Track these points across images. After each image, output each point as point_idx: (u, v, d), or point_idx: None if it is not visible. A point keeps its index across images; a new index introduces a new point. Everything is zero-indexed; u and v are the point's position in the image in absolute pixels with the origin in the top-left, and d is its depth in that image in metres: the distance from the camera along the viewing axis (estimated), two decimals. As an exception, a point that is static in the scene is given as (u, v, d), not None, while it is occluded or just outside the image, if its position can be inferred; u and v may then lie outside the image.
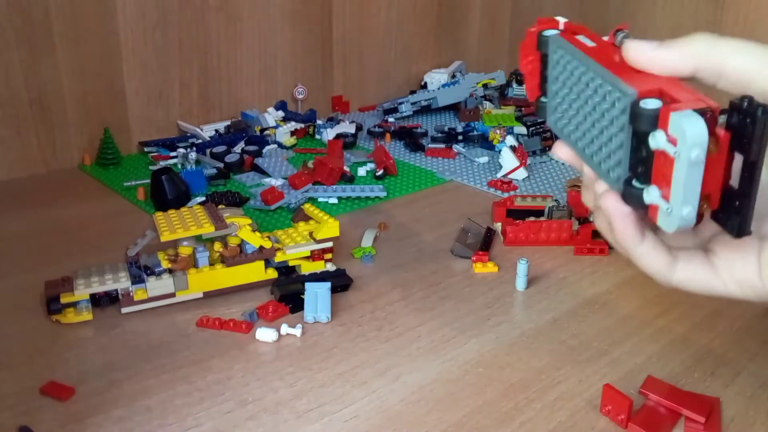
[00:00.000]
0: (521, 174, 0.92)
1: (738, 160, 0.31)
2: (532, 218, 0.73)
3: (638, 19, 1.32)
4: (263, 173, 0.93)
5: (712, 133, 0.29)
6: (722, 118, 0.30)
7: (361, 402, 0.47)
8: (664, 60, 0.31)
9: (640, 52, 0.31)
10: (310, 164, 0.90)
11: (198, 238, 0.61)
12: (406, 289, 0.63)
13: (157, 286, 0.58)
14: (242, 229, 0.61)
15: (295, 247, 0.62)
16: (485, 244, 0.71)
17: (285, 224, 0.77)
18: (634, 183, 0.33)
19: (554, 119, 0.40)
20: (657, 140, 0.30)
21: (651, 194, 0.31)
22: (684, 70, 0.31)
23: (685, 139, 0.28)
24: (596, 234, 0.72)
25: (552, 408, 0.46)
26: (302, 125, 1.10)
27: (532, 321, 0.57)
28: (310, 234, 0.64)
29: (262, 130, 1.05)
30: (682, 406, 0.44)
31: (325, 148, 1.01)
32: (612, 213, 0.34)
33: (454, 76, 1.30)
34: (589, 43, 0.37)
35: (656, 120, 0.30)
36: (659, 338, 0.55)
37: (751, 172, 0.30)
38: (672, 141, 0.29)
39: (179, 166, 0.92)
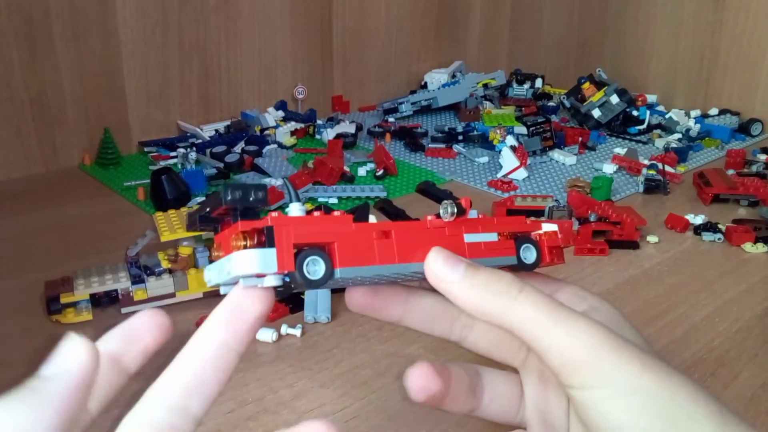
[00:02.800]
0: (521, 174, 0.92)
1: None
2: (532, 218, 0.73)
3: (639, 18, 1.32)
4: (263, 173, 0.93)
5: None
6: None
7: (361, 402, 0.47)
8: (460, 303, 0.27)
9: (440, 281, 0.27)
10: (310, 164, 0.90)
11: (198, 238, 0.61)
12: (406, 290, 0.62)
13: (157, 286, 0.58)
14: (242, 229, 0.61)
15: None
16: (485, 244, 0.71)
17: (285, 224, 0.76)
18: None
19: None
20: None
21: None
22: (478, 316, 0.28)
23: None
24: (596, 234, 0.72)
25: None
26: (302, 125, 1.10)
27: (533, 321, 0.57)
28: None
29: (262, 130, 1.05)
30: None
31: (325, 148, 1.01)
32: None
33: (454, 76, 1.30)
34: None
35: None
36: (659, 339, 0.55)
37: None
38: None
39: (179, 166, 0.92)
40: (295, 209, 0.25)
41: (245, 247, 0.24)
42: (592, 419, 0.26)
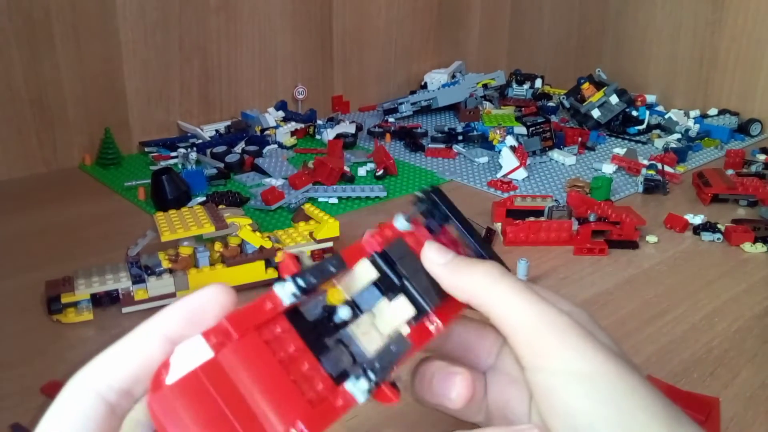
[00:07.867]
0: (521, 174, 0.92)
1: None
2: (531, 218, 0.73)
3: (638, 19, 1.32)
4: (263, 173, 0.93)
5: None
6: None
7: (361, 402, 0.47)
8: (446, 282, 0.28)
9: (432, 263, 0.29)
10: (311, 164, 0.90)
11: (198, 238, 0.61)
12: (406, 289, 0.63)
13: (158, 285, 0.58)
14: (242, 229, 0.62)
15: (295, 247, 0.63)
16: (485, 244, 0.71)
17: (285, 224, 0.77)
18: None
19: None
20: None
21: None
22: (461, 297, 0.28)
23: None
24: (596, 234, 0.72)
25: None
26: (302, 125, 1.10)
27: (532, 321, 0.57)
28: (311, 234, 0.64)
29: (263, 130, 1.06)
30: (682, 406, 0.44)
31: (326, 148, 1.01)
32: None
33: (454, 77, 1.31)
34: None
35: None
36: (658, 338, 0.55)
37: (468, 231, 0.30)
38: None
39: (180, 166, 0.92)
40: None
41: None
42: (552, 405, 0.26)
